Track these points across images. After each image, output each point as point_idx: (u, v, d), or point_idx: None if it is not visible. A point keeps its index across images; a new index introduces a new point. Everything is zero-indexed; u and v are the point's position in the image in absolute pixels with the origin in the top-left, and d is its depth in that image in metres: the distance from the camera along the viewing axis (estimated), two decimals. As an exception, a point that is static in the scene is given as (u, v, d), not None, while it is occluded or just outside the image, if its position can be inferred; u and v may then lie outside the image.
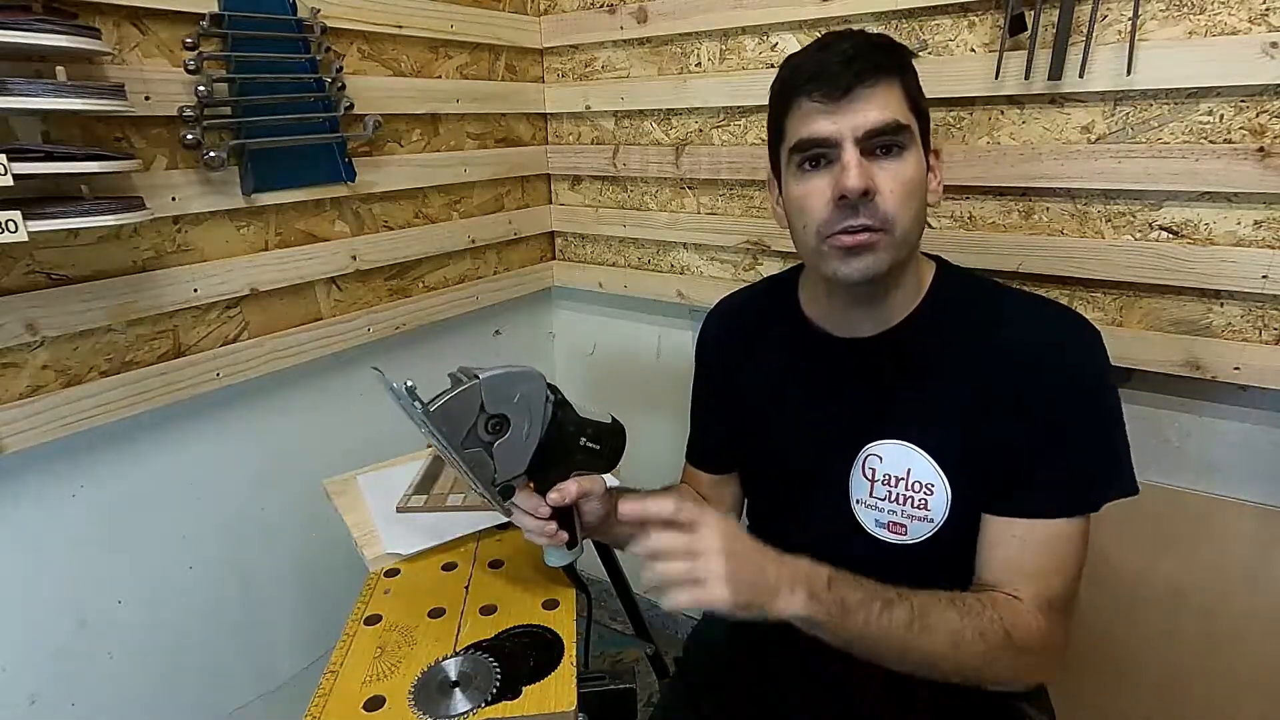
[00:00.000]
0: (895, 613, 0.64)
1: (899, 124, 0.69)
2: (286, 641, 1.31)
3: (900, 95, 0.71)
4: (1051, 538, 0.71)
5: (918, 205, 0.72)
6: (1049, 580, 0.71)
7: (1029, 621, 0.68)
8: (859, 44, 0.70)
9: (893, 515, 0.79)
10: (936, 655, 0.65)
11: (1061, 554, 0.71)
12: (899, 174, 0.70)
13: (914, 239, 0.74)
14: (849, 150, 0.69)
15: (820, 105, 0.70)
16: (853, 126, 0.69)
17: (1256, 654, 1.07)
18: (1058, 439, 0.72)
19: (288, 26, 1.09)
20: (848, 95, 0.68)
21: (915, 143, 0.71)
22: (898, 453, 0.78)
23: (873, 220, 0.69)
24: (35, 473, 0.96)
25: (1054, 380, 0.72)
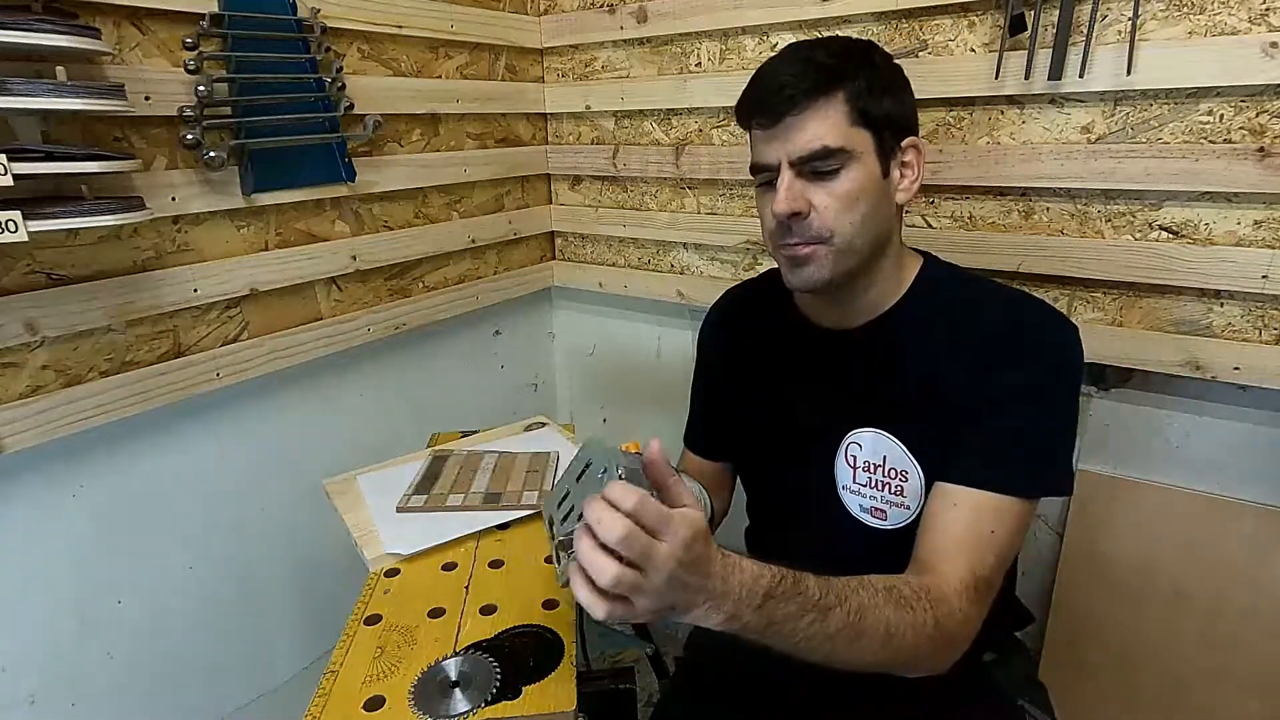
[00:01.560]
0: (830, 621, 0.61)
1: (827, 149, 0.71)
2: (286, 641, 1.31)
3: (840, 113, 0.72)
4: (986, 512, 0.72)
5: (862, 213, 0.73)
6: (982, 556, 0.71)
7: (955, 606, 0.68)
8: (796, 68, 0.73)
9: (874, 501, 0.81)
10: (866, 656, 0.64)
11: (995, 532, 0.72)
12: (834, 190, 0.73)
13: (862, 244, 0.75)
14: (784, 174, 0.74)
15: (760, 133, 0.75)
16: (787, 152, 0.73)
17: (1256, 653, 1.07)
18: (1007, 414, 0.73)
19: (288, 26, 1.09)
20: (780, 124, 0.73)
21: (858, 157, 0.73)
22: (875, 441, 0.80)
23: (803, 237, 0.74)
24: (35, 473, 0.96)
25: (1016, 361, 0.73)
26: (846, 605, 0.62)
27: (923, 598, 0.67)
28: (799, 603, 0.60)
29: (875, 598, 0.64)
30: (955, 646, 0.69)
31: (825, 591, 0.62)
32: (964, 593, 0.69)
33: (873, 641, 0.63)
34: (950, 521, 0.73)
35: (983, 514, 0.72)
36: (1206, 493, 1.09)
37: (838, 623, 0.61)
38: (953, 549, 0.71)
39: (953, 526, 0.72)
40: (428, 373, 1.48)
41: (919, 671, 0.69)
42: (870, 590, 0.65)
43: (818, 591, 0.61)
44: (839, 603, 0.62)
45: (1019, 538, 0.74)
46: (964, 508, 0.72)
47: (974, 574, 0.70)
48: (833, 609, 0.61)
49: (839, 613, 0.62)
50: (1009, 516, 0.72)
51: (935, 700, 0.74)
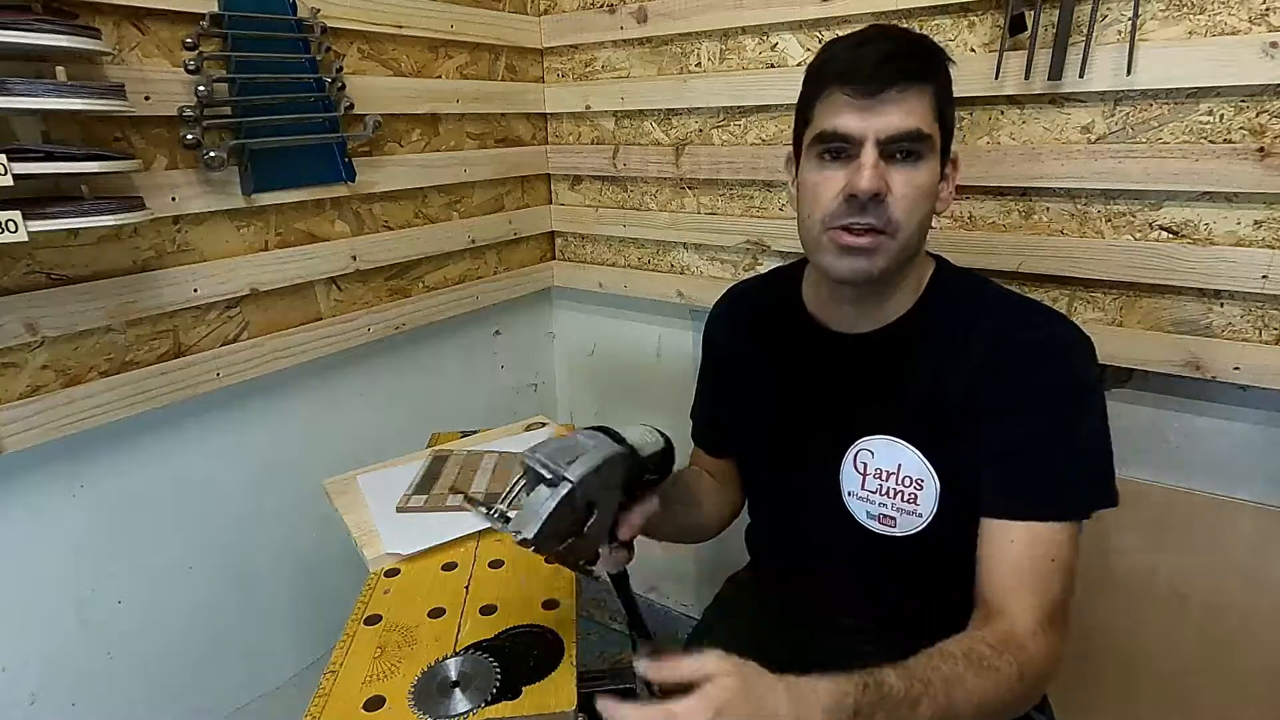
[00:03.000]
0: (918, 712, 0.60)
1: (921, 133, 0.69)
2: (286, 641, 1.31)
3: (929, 103, 0.71)
4: (1045, 543, 0.71)
5: (925, 212, 0.73)
6: (1049, 587, 0.71)
7: (1031, 650, 0.67)
8: (899, 45, 0.71)
9: (883, 508, 0.80)
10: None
11: (1056, 560, 0.71)
12: (911, 180, 0.71)
13: (916, 244, 0.74)
14: (869, 151, 0.70)
15: (849, 100, 0.70)
16: (877, 128, 0.69)
17: (1257, 653, 1.07)
18: (1052, 441, 0.72)
19: (288, 26, 1.09)
20: (877, 96, 0.69)
21: (933, 151, 0.72)
22: (889, 448, 0.79)
23: (878, 222, 0.70)
24: (35, 473, 0.96)
25: (1046, 382, 0.72)
26: (932, 689, 0.61)
27: (1003, 653, 0.66)
28: (887, 708, 0.59)
29: (957, 668, 0.63)
30: (1042, 684, 0.70)
31: (910, 684, 0.60)
32: (1039, 630, 0.69)
33: (964, 712, 0.62)
34: (1012, 558, 0.72)
35: (1041, 545, 0.71)
36: (1206, 493, 1.09)
37: (927, 711, 0.60)
38: (1019, 586, 0.71)
39: (1015, 563, 0.72)
40: (428, 373, 1.48)
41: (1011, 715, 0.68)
42: (951, 662, 0.63)
43: (902, 686, 0.59)
44: (925, 690, 0.60)
45: (1077, 555, 0.73)
46: (1021, 543, 0.72)
47: (1045, 607, 0.70)
48: (920, 699, 0.60)
49: (927, 702, 0.60)
50: (1066, 541, 0.71)
51: None
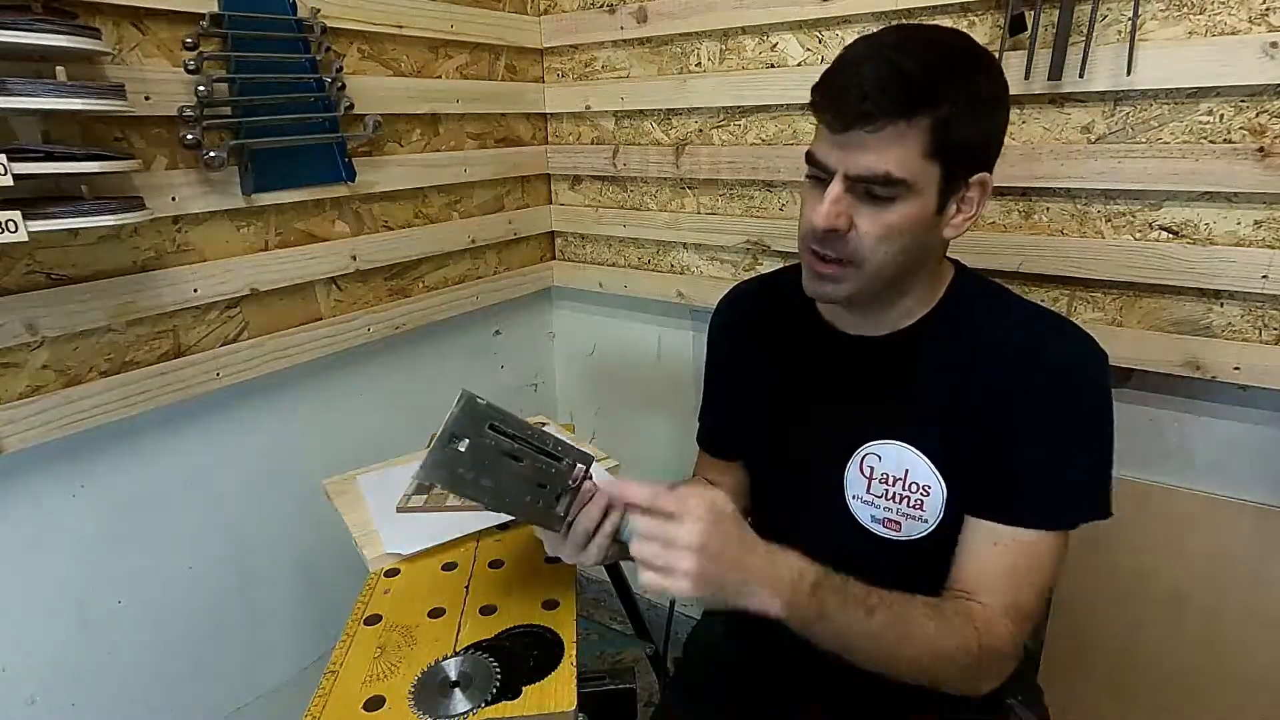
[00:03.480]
0: (874, 619, 0.64)
1: (890, 177, 0.66)
2: (286, 641, 1.31)
3: (917, 142, 0.65)
4: (1029, 548, 0.72)
5: (900, 246, 0.70)
6: (1021, 592, 0.71)
7: (1000, 631, 0.69)
8: (884, 75, 0.64)
9: (888, 513, 0.80)
10: (908, 663, 0.65)
11: (1036, 567, 0.72)
12: (879, 219, 0.68)
13: (892, 273, 0.72)
14: (834, 185, 0.68)
15: (827, 131, 0.69)
16: (845, 164, 0.67)
17: (1257, 654, 1.07)
18: (1049, 452, 0.72)
19: (288, 26, 1.09)
20: (846, 134, 0.66)
21: (916, 191, 0.67)
22: (897, 453, 0.78)
23: (839, 254, 0.70)
24: (35, 473, 0.96)
25: (1052, 394, 0.72)
26: (891, 610, 0.64)
27: (963, 618, 0.68)
28: (848, 593, 0.63)
29: (918, 610, 0.66)
30: (999, 670, 0.70)
31: (869, 593, 0.64)
32: (1005, 620, 0.70)
33: (916, 647, 0.65)
34: (992, 558, 0.72)
35: (1026, 551, 0.72)
36: (1206, 493, 1.09)
37: (881, 622, 0.64)
38: (992, 584, 0.72)
39: (994, 563, 0.72)
40: (428, 373, 1.48)
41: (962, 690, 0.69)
42: (913, 602, 0.66)
43: (862, 591, 0.64)
44: (881, 604, 0.64)
45: (1059, 566, 0.73)
46: (1004, 545, 0.72)
47: (1016, 604, 0.70)
48: (876, 609, 0.64)
49: (882, 613, 0.64)
50: (1051, 551, 0.72)
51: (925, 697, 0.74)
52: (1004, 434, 0.73)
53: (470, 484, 0.64)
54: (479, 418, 0.66)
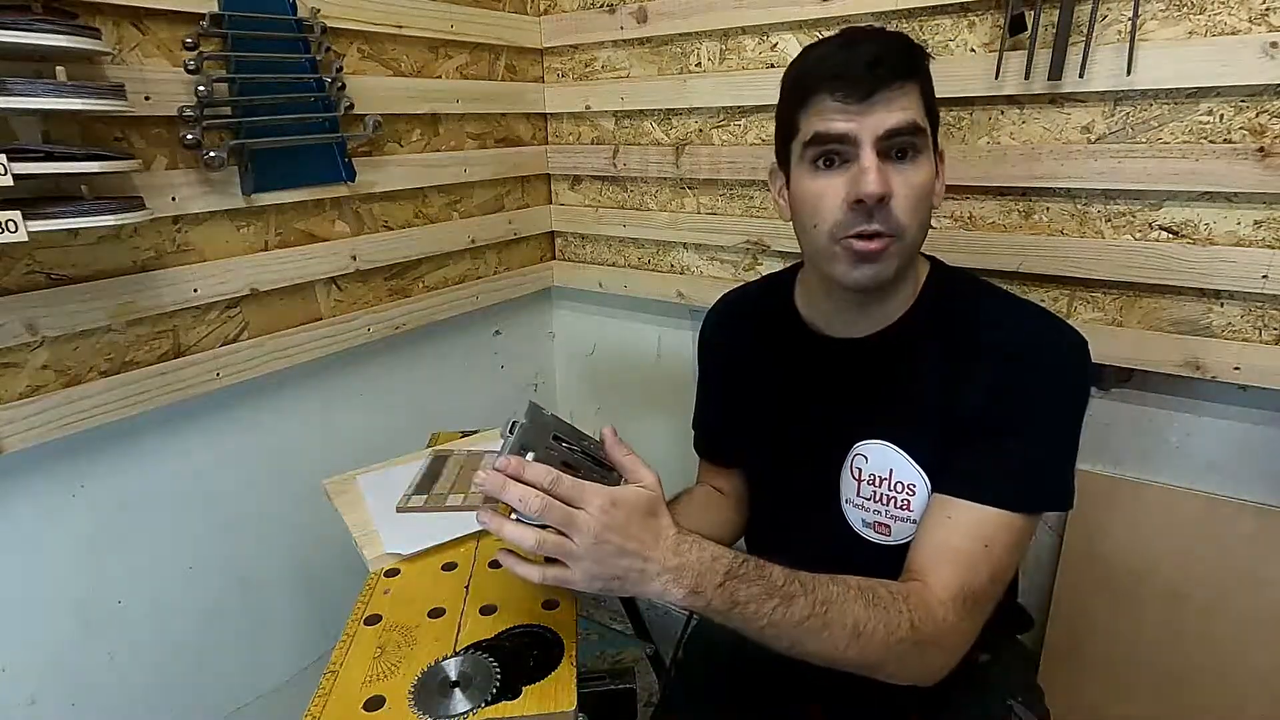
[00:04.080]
0: (793, 609, 0.62)
1: (917, 126, 0.69)
2: (286, 641, 1.31)
3: (918, 98, 0.71)
4: (983, 526, 0.70)
5: (925, 211, 0.73)
6: (974, 571, 0.70)
7: (938, 615, 0.67)
8: (884, 46, 0.70)
9: (877, 515, 0.80)
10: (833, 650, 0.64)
11: (990, 547, 0.70)
12: (911, 179, 0.70)
13: (919, 244, 0.74)
14: (868, 153, 0.68)
15: (840, 105, 0.69)
16: (873, 128, 0.68)
17: (1257, 654, 1.07)
18: (1012, 431, 0.72)
19: (288, 26, 1.09)
20: (870, 98, 0.68)
21: (929, 146, 0.72)
22: (881, 453, 0.78)
23: (886, 226, 0.69)
24: (35, 473, 0.96)
25: (1033, 385, 0.72)
26: (813, 596, 0.63)
27: (900, 600, 0.66)
28: (762, 586, 0.62)
29: (846, 594, 0.65)
30: (941, 654, 0.69)
31: (790, 580, 0.63)
32: (951, 603, 0.68)
33: (839, 634, 0.63)
34: (946, 534, 0.72)
35: (980, 528, 0.71)
36: (1206, 493, 1.09)
37: (802, 611, 0.62)
38: (944, 561, 0.70)
39: (948, 539, 0.71)
40: (428, 373, 1.48)
41: (903, 678, 0.68)
42: (842, 586, 0.65)
43: (782, 579, 0.63)
44: (804, 592, 0.63)
45: (1017, 553, 0.73)
46: (960, 520, 0.71)
47: (964, 587, 0.69)
48: (796, 597, 0.63)
49: (803, 601, 0.63)
50: (1006, 532, 0.71)
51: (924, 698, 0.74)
52: (976, 418, 0.73)
53: None
54: (544, 428, 0.67)
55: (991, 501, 0.71)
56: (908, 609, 0.66)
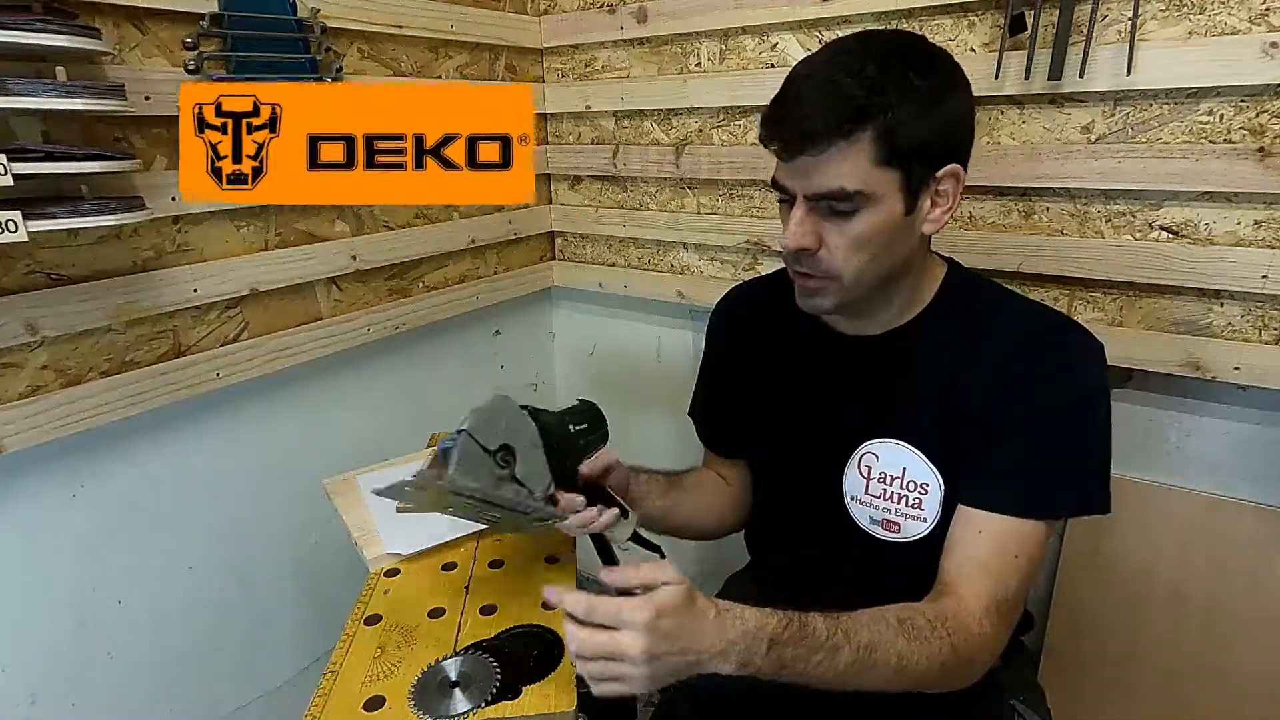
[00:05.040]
0: (839, 659, 0.63)
1: (844, 191, 0.68)
2: (286, 641, 1.31)
3: (864, 155, 0.67)
4: (1011, 535, 0.71)
5: (872, 254, 0.71)
6: (1006, 581, 0.71)
7: (974, 630, 0.69)
8: (822, 98, 0.67)
9: (887, 513, 0.80)
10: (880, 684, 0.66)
11: (1019, 557, 0.71)
12: (847, 231, 0.70)
13: (872, 278, 0.73)
14: (796, 208, 0.71)
15: (779, 155, 0.71)
16: (801, 187, 0.70)
17: (1257, 654, 1.07)
18: (1035, 439, 0.72)
19: (288, 26, 1.09)
20: (794, 162, 0.69)
21: (877, 200, 0.69)
22: (895, 452, 0.78)
23: (815, 271, 0.73)
24: (35, 473, 0.96)
25: (1053, 389, 0.72)
26: (855, 641, 0.64)
27: (939, 626, 0.67)
28: (807, 645, 0.62)
29: (887, 632, 0.65)
30: (975, 667, 0.70)
31: (834, 631, 0.63)
32: (985, 616, 0.69)
33: (884, 672, 0.64)
34: (974, 547, 0.72)
35: (1007, 539, 0.71)
36: (1206, 493, 1.09)
37: (847, 660, 0.63)
38: (976, 573, 0.71)
39: (976, 551, 0.72)
40: (428, 373, 1.48)
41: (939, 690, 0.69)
42: (883, 624, 0.66)
43: (825, 632, 0.63)
44: (847, 641, 0.63)
45: (1043, 557, 0.74)
46: (988, 533, 0.72)
47: (996, 597, 0.70)
48: (841, 648, 0.63)
49: (848, 651, 0.63)
50: (1032, 539, 0.72)
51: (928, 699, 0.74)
52: (995, 424, 0.73)
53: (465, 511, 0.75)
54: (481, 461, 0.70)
55: (1016, 512, 0.71)
56: (947, 633, 0.67)
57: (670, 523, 0.93)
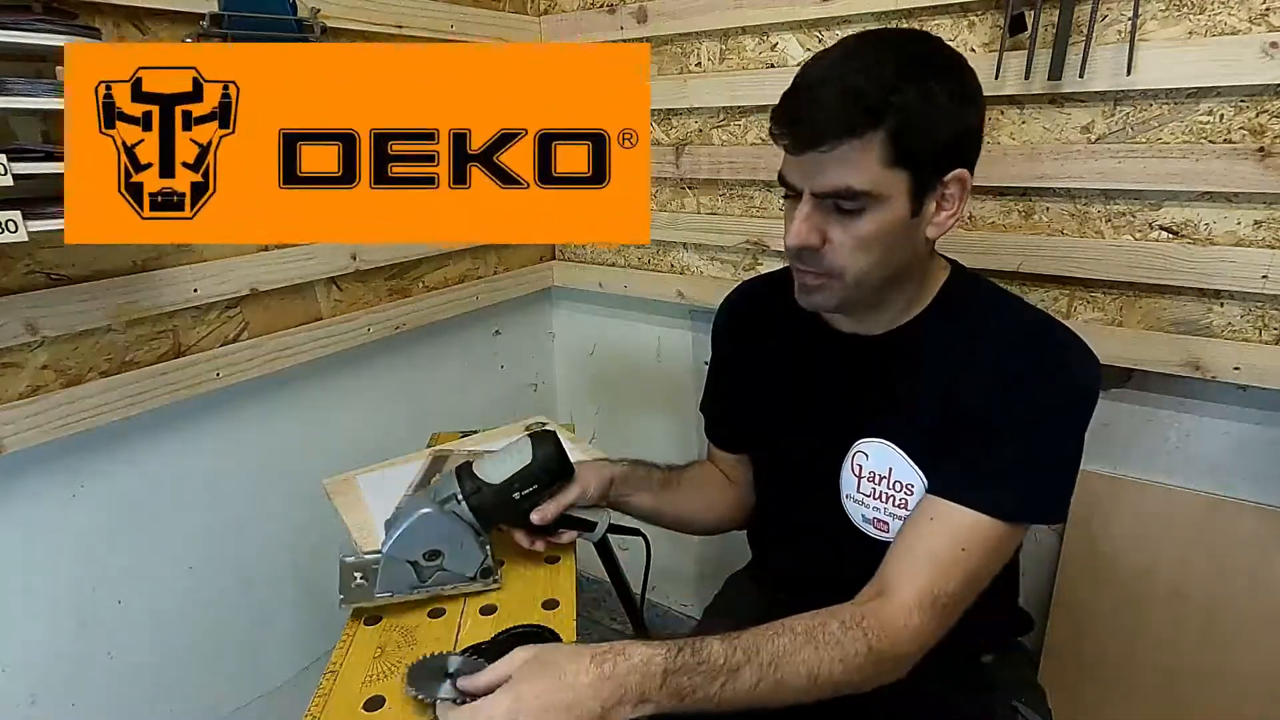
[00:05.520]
0: (740, 680, 0.62)
1: (852, 190, 0.67)
2: (286, 641, 1.31)
3: (874, 156, 0.66)
4: (962, 530, 0.70)
5: (878, 255, 0.71)
6: (946, 575, 0.69)
7: (898, 625, 0.67)
8: (832, 96, 0.66)
9: (877, 512, 0.80)
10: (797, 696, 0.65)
11: (968, 551, 0.70)
12: (852, 230, 0.70)
13: (876, 280, 0.73)
14: (803, 204, 0.70)
15: (789, 151, 0.71)
16: (808, 183, 0.70)
17: (1257, 654, 1.07)
18: (1002, 437, 0.71)
19: (288, 26, 1.09)
20: (804, 156, 0.69)
21: (884, 200, 0.68)
22: (882, 451, 0.79)
23: (818, 268, 0.72)
24: (35, 473, 0.96)
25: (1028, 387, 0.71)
26: (758, 660, 0.63)
27: (854, 627, 0.66)
28: (704, 672, 0.61)
29: (794, 643, 0.64)
30: (899, 663, 0.68)
31: (732, 652, 0.62)
32: (916, 609, 0.68)
33: (796, 684, 0.64)
34: (924, 533, 0.72)
35: (959, 531, 0.70)
36: (1206, 493, 1.09)
37: (750, 679, 0.62)
38: (917, 563, 0.70)
39: (925, 539, 0.71)
40: (428, 373, 1.48)
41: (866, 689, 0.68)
42: (789, 636, 0.65)
43: (723, 654, 0.62)
44: (747, 660, 0.62)
45: (997, 559, 0.72)
46: (941, 522, 0.71)
47: (934, 591, 0.69)
48: (741, 668, 0.62)
49: (749, 670, 0.62)
50: (986, 538, 0.70)
51: (929, 700, 0.74)
52: (973, 423, 0.73)
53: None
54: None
55: (974, 506, 0.70)
56: (863, 632, 0.66)
57: (665, 518, 0.95)
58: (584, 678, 0.59)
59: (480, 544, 0.81)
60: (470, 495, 0.78)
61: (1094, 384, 0.72)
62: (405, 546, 0.78)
